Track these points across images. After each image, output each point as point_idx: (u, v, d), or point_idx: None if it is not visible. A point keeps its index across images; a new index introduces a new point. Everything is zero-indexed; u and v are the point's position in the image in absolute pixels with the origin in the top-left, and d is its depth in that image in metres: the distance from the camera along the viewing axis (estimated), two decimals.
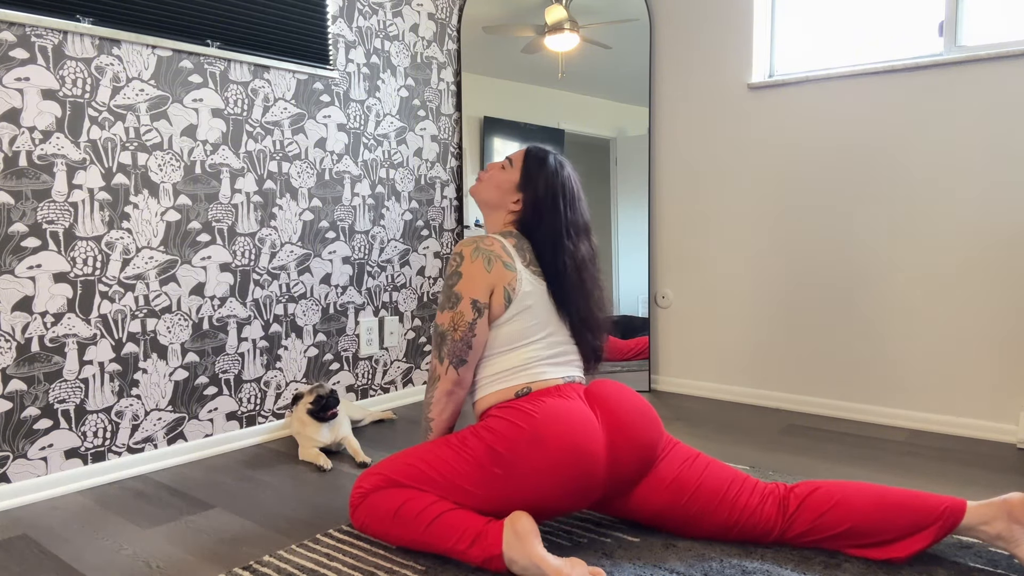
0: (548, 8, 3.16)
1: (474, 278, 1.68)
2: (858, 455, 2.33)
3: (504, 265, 1.69)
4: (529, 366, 1.70)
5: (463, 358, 1.69)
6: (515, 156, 1.84)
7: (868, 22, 2.76)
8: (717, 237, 3.06)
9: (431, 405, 1.74)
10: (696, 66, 3.07)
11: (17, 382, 2.01)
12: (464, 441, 1.63)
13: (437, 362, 1.72)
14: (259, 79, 2.52)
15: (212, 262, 2.42)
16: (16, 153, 1.99)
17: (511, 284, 1.69)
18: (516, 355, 1.71)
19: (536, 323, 1.72)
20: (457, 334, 1.67)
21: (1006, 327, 2.44)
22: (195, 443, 2.39)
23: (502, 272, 1.69)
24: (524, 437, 1.56)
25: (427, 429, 1.77)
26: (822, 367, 2.82)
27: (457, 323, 1.67)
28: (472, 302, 1.67)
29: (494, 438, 1.58)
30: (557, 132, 3.24)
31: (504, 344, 1.71)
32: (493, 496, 1.57)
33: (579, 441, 1.55)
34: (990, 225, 2.46)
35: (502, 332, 1.70)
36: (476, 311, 1.67)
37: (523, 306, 1.70)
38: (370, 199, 2.91)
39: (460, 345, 1.68)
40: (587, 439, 1.56)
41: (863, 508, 1.54)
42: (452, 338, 1.68)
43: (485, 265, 1.68)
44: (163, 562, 1.65)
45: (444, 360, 1.70)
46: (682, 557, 1.60)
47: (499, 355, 1.71)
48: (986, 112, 2.44)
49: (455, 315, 1.68)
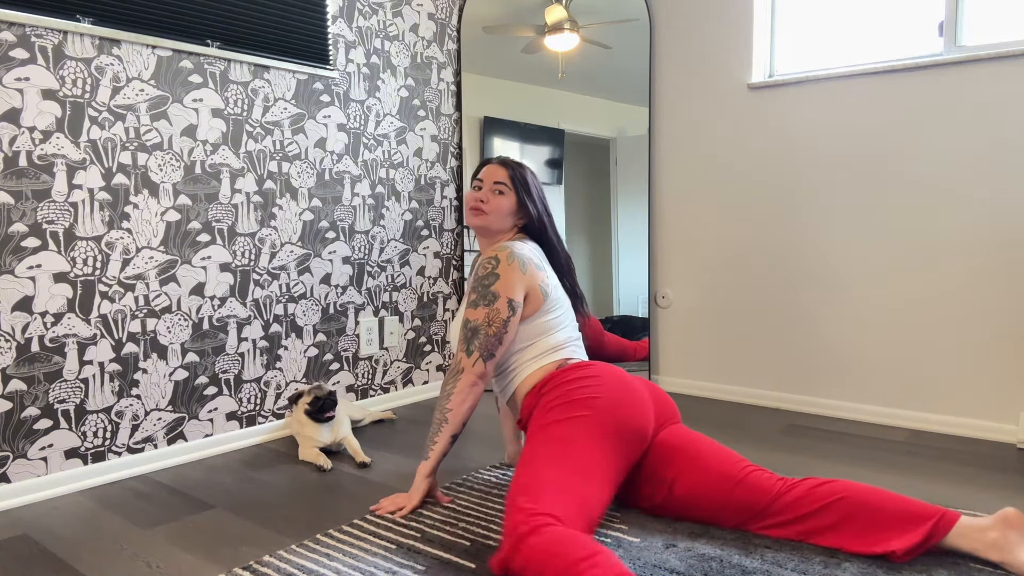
0: (548, 8, 3.16)
1: (511, 279, 1.84)
2: (858, 455, 2.33)
3: (536, 267, 1.89)
4: (563, 346, 1.91)
5: (492, 352, 1.83)
6: (496, 176, 1.99)
7: (868, 22, 2.76)
8: (717, 237, 3.06)
9: (452, 396, 1.84)
10: (696, 66, 3.07)
11: (17, 382, 2.01)
12: (547, 429, 1.68)
13: (464, 355, 1.84)
14: (259, 79, 2.52)
15: (212, 262, 2.42)
16: (16, 153, 1.99)
17: (544, 282, 1.90)
18: (551, 339, 1.90)
19: (563, 313, 1.95)
20: (491, 329, 1.82)
21: (1006, 327, 2.44)
22: (195, 443, 2.39)
23: (535, 273, 1.88)
24: (594, 374, 1.76)
25: (443, 420, 1.85)
26: (822, 367, 2.82)
27: (492, 319, 1.82)
28: (508, 301, 1.83)
29: (570, 393, 1.72)
30: (557, 132, 3.24)
31: (541, 332, 1.89)
32: (604, 431, 1.67)
33: (632, 381, 1.79)
34: (990, 225, 2.46)
35: (539, 323, 1.89)
36: (511, 309, 1.83)
37: (555, 299, 1.92)
38: (370, 199, 2.91)
39: (493, 340, 1.83)
40: (635, 381, 1.80)
41: (858, 487, 1.60)
42: (486, 332, 1.82)
43: (520, 267, 1.86)
44: (163, 562, 1.65)
45: (474, 353, 1.83)
46: (682, 557, 1.60)
47: (538, 341, 1.89)
48: (986, 112, 2.44)
49: (491, 312, 1.83)
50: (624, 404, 1.71)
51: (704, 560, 1.58)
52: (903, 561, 1.54)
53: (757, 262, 2.96)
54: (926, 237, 2.58)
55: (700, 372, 3.15)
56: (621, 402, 1.71)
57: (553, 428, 1.66)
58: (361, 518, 1.85)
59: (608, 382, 1.74)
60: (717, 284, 3.08)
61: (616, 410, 1.69)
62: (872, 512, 1.56)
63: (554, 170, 3.26)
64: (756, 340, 2.98)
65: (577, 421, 1.66)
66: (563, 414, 1.68)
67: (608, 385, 1.73)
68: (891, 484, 2.07)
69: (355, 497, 2.01)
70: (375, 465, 2.29)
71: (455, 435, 1.86)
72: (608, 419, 1.67)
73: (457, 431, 1.86)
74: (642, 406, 1.74)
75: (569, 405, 1.70)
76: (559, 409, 1.70)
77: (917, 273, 2.60)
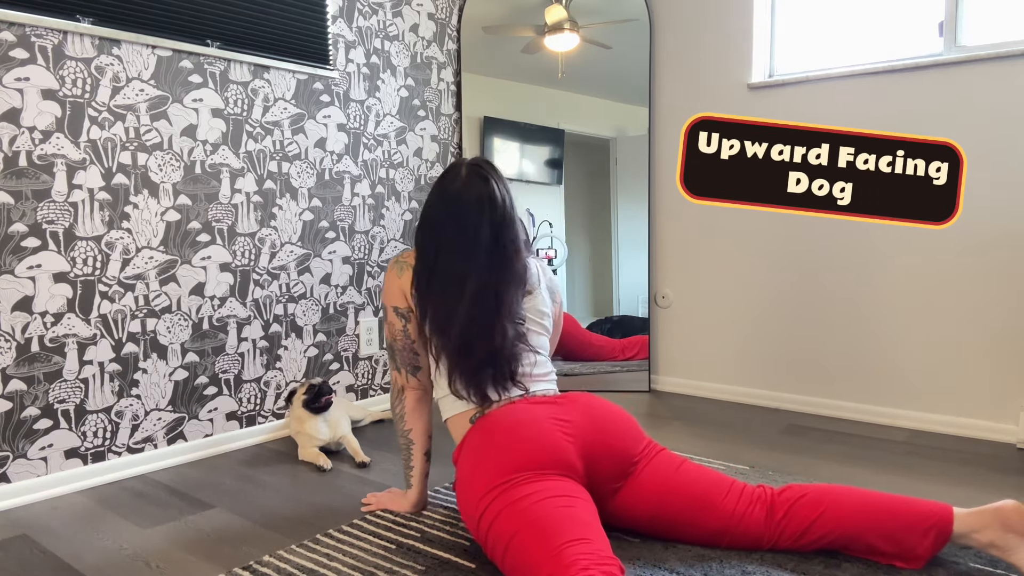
0: (548, 8, 3.16)
1: (390, 287, 1.75)
2: (858, 455, 2.33)
3: (414, 269, 1.72)
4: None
5: (415, 364, 1.76)
6: None
7: (868, 22, 2.76)
8: (717, 237, 3.06)
9: (405, 417, 1.78)
10: (696, 66, 3.07)
11: (17, 382, 2.01)
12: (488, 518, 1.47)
13: (396, 373, 1.78)
14: (259, 79, 2.52)
15: (212, 262, 2.42)
16: (16, 153, 1.99)
17: (406, 299, 1.73)
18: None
19: None
20: (398, 343, 1.75)
21: (1007, 327, 2.44)
22: (195, 443, 2.39)
23: (410, 277, 1.72)
24: (480, 443, 1.57)
25: (409, 443, 1.79)
26: (822, 367, 2.82)
27: (393, 334, 1.75)
28: (394, 309, 1.74)
29: (472, 471, 1.54)
30: (557, 132, 3.24)
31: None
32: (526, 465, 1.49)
33: (520, 424, 1.56)
34: (990, 225, 2.46)
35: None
36: (400, 318, 1.73)
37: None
38: (370, 199, 2.91)
39: (405, 353, 1.75)
40: (528, 421, 1.57)
41: (850, 516, 1.53)
42: (397, 348, 1.75)
43: (397, 272, 1.75)
44: (163, 562, 1.65)
45: (402, 370, 1.77)
46: (682, 557, 1.60)
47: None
48: (986, 112, 2.44)
49: (389, 327, 1.75)
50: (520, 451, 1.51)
51: (704, 560, 1.58)
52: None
53: (757, 262, 2.96)
54: (926, 237, 2.57)
55: (700, 372, 3.15)
56: (524, 450, 1.51)
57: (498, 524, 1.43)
58: (361, 518, 1.85)
59: (506, 437, 1.54)
60: (717, 284, 3.08)
61: (523, 459, 1.49)
62: (862, 532, 1.52)
63: (554, 170, 3.26)
64: (756, 340, 2.98)
65: (507, 490, 1.45)
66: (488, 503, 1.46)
67: (505, 442, 1.53)
68: (891, 484, 2.07)
69: (355, 497, 2.01)
70: (375, 465, 2.29)
71: (427, 451, 1.81)
72: (523, 466, 1.48)
73: (427, 447, 1.81)
74: (542, 444, 1.52)
75: (480, 476, 1.50)
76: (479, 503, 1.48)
77: (917, 273, 2.60)
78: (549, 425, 1.56)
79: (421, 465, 1.81)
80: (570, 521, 1.36)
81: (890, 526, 1.50)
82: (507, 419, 1.58)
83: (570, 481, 1.50)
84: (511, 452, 1.50)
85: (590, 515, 1.41)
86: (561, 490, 1.45)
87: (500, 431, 1.55)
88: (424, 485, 1.84)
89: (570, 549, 1.29)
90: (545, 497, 1.41)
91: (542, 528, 1.35)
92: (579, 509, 1.41)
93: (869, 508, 1.52)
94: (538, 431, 1.54)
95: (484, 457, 1.53)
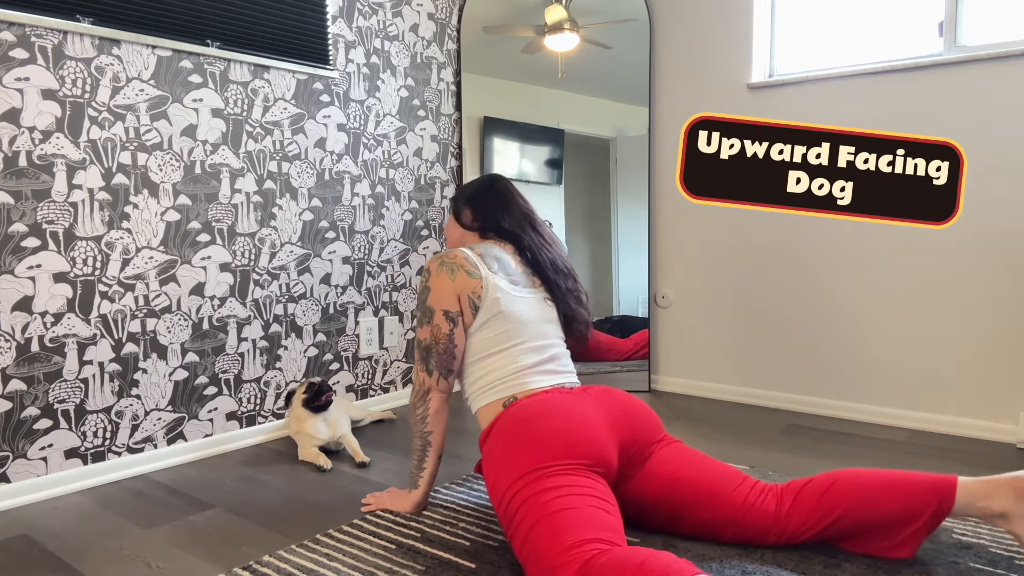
0: (548, 8, 3.16)
1: (439, 289, 1.75)
2: (858, 455, 2.33)
3: (467, 274, 1.74)
4: (511, 377, 1.73)
5: (450, 368, 1.77)
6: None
7: (868, 22, 2.76)
8: (717, 237, 3.06)
9: (428, 419, 1.80)
10: (696, 66, 3.07)
11: (17, 382, 2.01)
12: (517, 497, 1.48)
13: (425, 375, 1.79)
14: (259, 79, 2.52)
15: (212, 262, 2.42)
16: (16, 153, 1.99)
17: (475, 292, 1.74)
18: (497, 363, 1.74)
19: (511, 328, 1.75)
20: (440, 346, 1.75)
21: (1006, 327, 2.44)
22: (195, 443, 2.39)
23: (466, 281, 1.74)
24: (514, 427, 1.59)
25: (426, 444, 1.81)
26: (822, 367, 2.82)
27: (437, 336, 1.75)
28: (444, 313, 1.74)
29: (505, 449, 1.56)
30: (557, 132, 3.24)
31: (480, 351, 1.76)
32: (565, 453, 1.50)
33: (576, 415, 1.59)
34: (990, 225, 2.46)
35: (475, 340, 1.76)
36: (450, 321, 1.74)
37: (493, 312, 1.74)
38: (370, 199, 2.91)
39: (445, 356, 1.76)
40: (571, 409, 1.61)
41: (854, 491, 1.54)
42: (437, 351, 1.76)
43: (449, 275, 1.75)
44: (163, 562, 1.65)
45: (433, 372, 1.77)
46: (682, 557, 1.60)
47: (478, 362, 1.76)
48: (986, 112, 2.44)
49: (433, 328, 1.75)
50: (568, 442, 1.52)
51: (704, 560, 1.58)
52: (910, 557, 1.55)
53: (757, 262, 2.96)
54: (926, 237, 2.57)
55: (700, 372, 3.15)
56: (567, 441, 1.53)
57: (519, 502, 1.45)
58: (361, 518, 1.85)
59: (549, 424, 1.55)
60: (717, 284, 3.08)
61: (564, 449, 1.51)
62: (867, 507, 1.53)
63: (554, 170, 3.26)
64: (756, 340, 2.98)
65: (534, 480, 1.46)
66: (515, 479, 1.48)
67: (548, 429, 1.54)
68: None
69: (355, 497, 2.01)
70: (375, 465, 2.29)
71: (441, 455, 1.84)
72: (561, 455, 1.50)
73: (442, 451, 1.84)
74: (587, 436, 1.55)
75: (514, 460, 1.51)
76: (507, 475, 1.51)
77: (917, 273, 2.60)
78: (590, 416, 1.59)
79: (433, 467, 1.83)
80: (598, 522, 1.37)
81: (892, 505, 1.51)
82: (544, 407, 1.60)
83: (601, 482, 1.51)
84: (549, 440, 1.51)
85: (617, 521, 1.42)
86: (594, 490, 1.46)
87: (537, 418, 1.57)
88: (430, 487, 1.86)
89: (587, 546, 1.31)
90: (576, 493, 1.42)
91: (565, 523, 1.36)
92: (611, 515, 1.42)
93: (871, 486, 1.54)
94: (579, 422, 1.56)
95: (520, 442, 1.54)
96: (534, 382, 1.73)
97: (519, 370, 1.73)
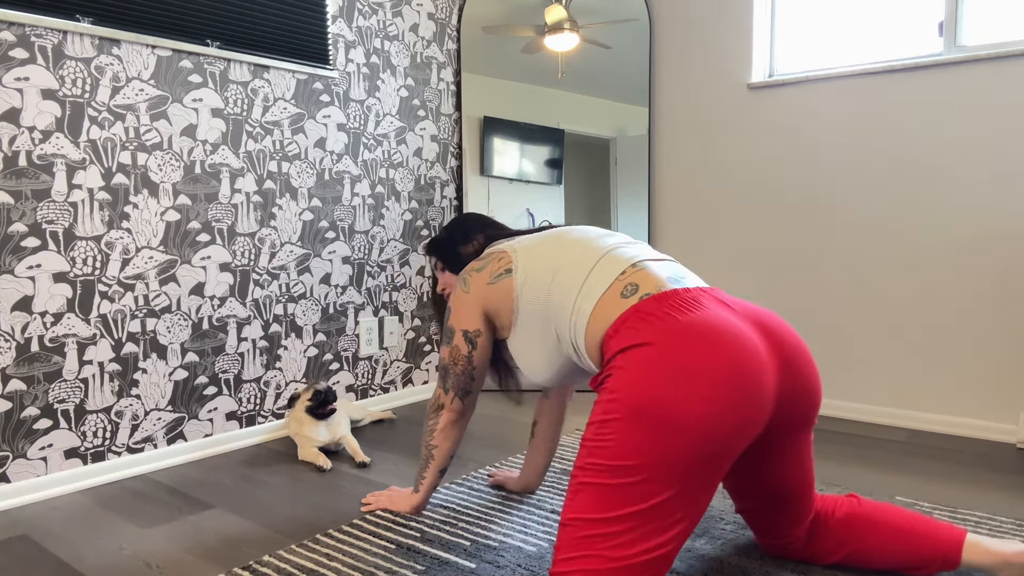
0: (548, 8, 3.16)
1: (459, 307, 1.67)
2: (858, 455, 2.33)
3: (478, 270, 1.65)
4: (609, 262, 1.41)
5: (468, 389, 1.72)
6: (433, 268, 1.93)
7: (868, 22, 2.76)
8: (717, 237, 3.06)
9: (435, 433, 1.76)
10: (696, 66, 3.07)
11: (17, 382, 2.01)
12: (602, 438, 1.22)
13: (442, 392, 1.74)
14: (259, 79, 2.52)
15: (212, 262, 2.42)
16: (16, 153, 1.99)
17: (501, 265, 1.59)
18: (571, 268, 1.44)
19: (568, 243, 1.52)
20: (458, 368, 1.70)
21: (1006, 327, 2.44)
22: (195, 443, 2.39)
23: (482, 276, 1.63)
24: (664, 373, 1.19)
25: (429, 457, 1.79)
26: (822, 367, 2.82)
27: (455, 357, 1.69)
28: (463, 334, 1.67)
29: (628, 393, 1.21)
30: (557, 132, 3.24)
31: (543, 281, 1.49)
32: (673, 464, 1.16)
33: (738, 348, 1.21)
34: (990, 225, 2.46)
35: (531, 283, 1.51)
36: (469, 343, 1.66)
37: (532, 256, 1.55)
38: (370, 199, 2.91)
39: (462, 378, 1.70)
40: (745, 342, 1.23)
41: (875, 547, 1.47)
42: (454, 372, 1.70)
43: (463, 288, 1.67)
44: (163, 562, 1.65)
45: (450, 391, 1.72)
46: (682, 557, 1.60)
47: (559, 286, 1.47)
48: (986, 112, 2.44)
49: (452, 350, 1.70)
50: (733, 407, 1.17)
51: (704, 560, 1.58)
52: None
53: (757, 262, 2.96)
54: (926, 237, 2.58)
55: None
56: (731, 404, 1.17)
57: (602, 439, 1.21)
58: (361, 518, 1.85)
59: (721, 367, 1.18)
60: (717, 284, 3.08)
61: (721, 423, 1.16)
62: (880, 555, 1.47)
63: (554, 170, 3.26)
64: None
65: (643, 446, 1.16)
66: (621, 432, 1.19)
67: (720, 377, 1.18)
68: (891, 484, 2.07)
69: (355, 497, 2.01)
70: (374, 465, 2.29)
71: (443, 469, 1.81)
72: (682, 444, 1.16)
73: (445, 466, 1.80)
74: (758, 400, 1.20)
75: (635, 415, 1.18)
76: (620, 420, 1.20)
77: (917, 272, 2.60)
78: (763, 360, 1.22)
79: (433, 479, 1.82)
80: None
81: (908, 553, 1.45)
82: (711, 326, 1.22)
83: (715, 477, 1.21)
84: (719, 400, 1.16)
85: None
86: (698, 515, 1.20)
87: (708, 348, 1.19)
88: (429, 495, 1.85)
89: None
90: (686, 530, 1.19)
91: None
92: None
93: (892, 538, 1.45)
94: (754, 370, 1.19)
95: (691, 381, 1.17)
96: (652, 269, 1.37)
97: (610, 250, 1.44)
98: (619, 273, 1.39)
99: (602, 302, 1.37)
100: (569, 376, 1.60)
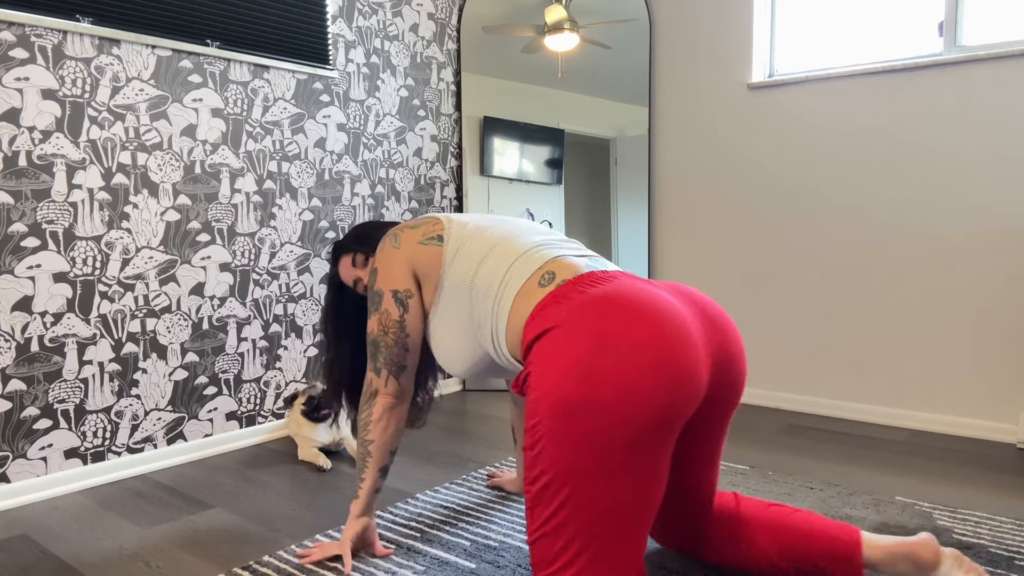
0: (548, 8, 3.16)
1: (387, 265, 1.55)
2: (858, 455, 2.33)
3: (412, 227, 1.56)
4: (530, 254, 1.41)
5: (402, 363, 1.55)
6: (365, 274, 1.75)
7: (868, 22, 2.76)
8: (717, 237, 3.06)
9: (370, 425, 1.56)
10: (696, 66, 3.07)
11: (17, 382, 2.01)
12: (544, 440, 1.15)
13: (374, 375, 1.57)
14: (259, 79, 2.52)
15: (212, 262, 2.42)
16: (16, 153, 1.99)
17: (435, 229, 1.53)
18: (495, 258, 1.43)
19: (496, 229, 1.50)
20: (389, 337, 1.53)
21: (1006, 327, 2.44)
22: (195, 443, 2.39)
23: (414, 234, 1.54)
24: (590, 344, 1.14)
25: (366, 454, 1.57)
26: (822, 367, 2.82)
27: (386, 324, 1.53)
28: (392, 293, 1.52)
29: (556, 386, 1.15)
30: (557, 132, 3.24)
31: (480, 255, 1.46)
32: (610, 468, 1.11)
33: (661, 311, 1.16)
34: (990, 225, 2.46)
35: (467, 250, 1.48)
36: (399, 304, 1.52)
37: (465, 234, 1.51)
38: (370, 199, 2.91)
39: (396, 350, 1.54)
40: (668, 308, 1.18)
41: (767, 548, 1.39)
42: (385, 343, 1.54)
43: (392, 243, 1.55)
44: (163, 562, 1.65)
45: (382, 371, 1.55)
46: (682, 557, 1.60)
47: (482, 270, 1.45)
48: (986, 112, 2.44)
49: (381, 316, 1.54)
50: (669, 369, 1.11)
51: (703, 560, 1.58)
52: None
53: (757, 262, 2.96)
54: (926, 237, 2.58)
55: None
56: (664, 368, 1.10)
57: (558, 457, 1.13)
58: None
59: (646, 329, 1.13)
60: (717, 284, 3.08)
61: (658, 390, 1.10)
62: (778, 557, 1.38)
63: (554, 170, 3.26)
64: (756, 340, 2.98)
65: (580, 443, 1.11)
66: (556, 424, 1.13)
67: (647, 339, 1.12)
68: (891, 484, 2.07)
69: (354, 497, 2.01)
70: None
71: (384, 467, 1.59)
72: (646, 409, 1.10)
73: (386, 462, 1.59)
74: (692, 362, 1.15)
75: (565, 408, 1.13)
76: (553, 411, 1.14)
77: (917, 273, 2.60)
78: (692, 326, 1.17)
79: (373, 479, 1.59)
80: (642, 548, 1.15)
81: (806, 557, 1.35)
82: (629, 294, 1.18)
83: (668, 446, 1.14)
84: (652, 362, 1.10)
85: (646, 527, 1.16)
86: (664, 474, 1.14)
87: (628, 313, 1.15)
88: (369, 500, 1.61)
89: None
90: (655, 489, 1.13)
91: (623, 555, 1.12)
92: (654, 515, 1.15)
93: (783, 540, 1.37)
94: (684, 335, 1.13)
95: (609, 351, 1.11)
96: (570, 259, 1.38)
97: (535, 247, 1.42)
98: (539, 265, 1.39)
99: (522, 292, 1.37)
100: (486, 371, 1.54)
